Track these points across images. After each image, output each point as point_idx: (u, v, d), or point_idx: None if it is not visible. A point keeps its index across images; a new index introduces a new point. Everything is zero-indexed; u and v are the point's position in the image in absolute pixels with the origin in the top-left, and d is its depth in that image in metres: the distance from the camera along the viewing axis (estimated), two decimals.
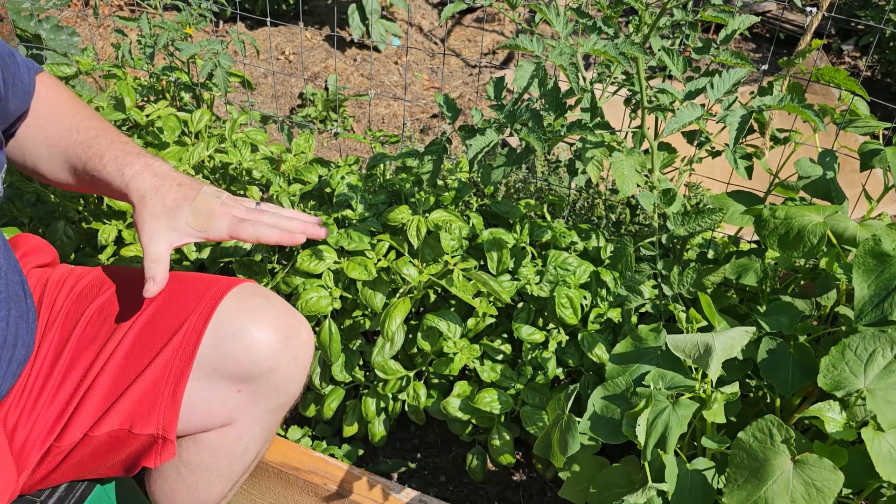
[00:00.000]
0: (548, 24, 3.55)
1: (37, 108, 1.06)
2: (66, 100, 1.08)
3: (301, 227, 1.04)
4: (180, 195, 0.99)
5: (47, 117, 1.05)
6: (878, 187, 1.27)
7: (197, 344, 0.97)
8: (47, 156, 1.05)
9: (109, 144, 1.02)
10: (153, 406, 0.95)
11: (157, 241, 0.97)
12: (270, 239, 1.00)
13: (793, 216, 1.00)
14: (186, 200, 0.99)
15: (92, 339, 0.99)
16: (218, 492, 1.06)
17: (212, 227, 0.99)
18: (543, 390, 1.35)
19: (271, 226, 1.01)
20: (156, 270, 0.96)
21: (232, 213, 1.01)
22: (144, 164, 1.01)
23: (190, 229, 0.99)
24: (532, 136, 1.04)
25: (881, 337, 0.84)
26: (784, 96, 1.00)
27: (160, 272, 0.96)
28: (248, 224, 1.00)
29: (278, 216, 1.04)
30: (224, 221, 1.00)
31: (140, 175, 0.99)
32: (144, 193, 0.98)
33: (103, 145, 1.02)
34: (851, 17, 3.14)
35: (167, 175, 1.01)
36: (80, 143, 1.03)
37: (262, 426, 1.04)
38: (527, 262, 1.38)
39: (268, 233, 1.00)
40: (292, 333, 1.02)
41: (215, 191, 1.02)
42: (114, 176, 1.00)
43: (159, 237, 0.97)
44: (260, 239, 1.00)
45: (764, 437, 0.79)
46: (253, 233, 1.00)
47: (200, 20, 1.65)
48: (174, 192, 0.99)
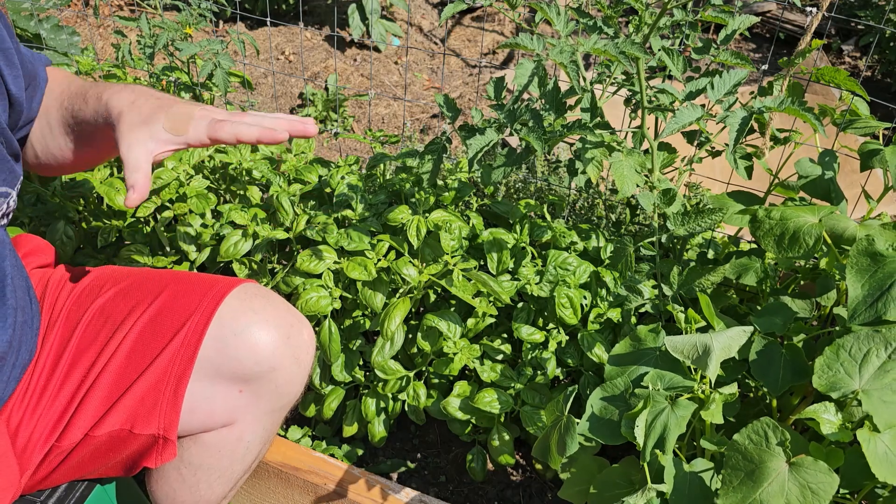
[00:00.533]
0: (548, 25, 3.55)
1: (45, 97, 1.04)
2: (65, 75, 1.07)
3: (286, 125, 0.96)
4: (156, 105, 0.95)
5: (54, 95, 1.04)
6: (878, 187, 1.27)
7: (198, 344, 0.97)
8: (48, 129, 1.02)
9: (94, 86, 0.99)
10: (154, 406, 0.95)
11: (134, 148, 0.92)
12: (251, 137, 0.93)
13: (788, 217, 1.00)
14: (162, 109, 0.94)
15: (93, 339, 0.99)
16: (219, 492, 1.06)
17: (189, 129, 0.93)
18: (543, 390, 1.35)
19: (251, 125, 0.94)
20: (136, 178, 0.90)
21: (211, 115, 0.95)
22: (123, 86, 0.97)
23: (167, 135, 0.93)
24: (532, 135, 1.04)
25: (875, 337, 0.84)
26: (784, 98, 1.00)
27: (140, 179, 0.90)
28: (227, 124, 0.93)
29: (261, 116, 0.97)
30: (202, 123, 0.94)
31: (118, 94, 0.96)
32: (122, 109, 0.94)
33: (89, 88, 1.00)
34: (851, 17, 3.14)
35: (146, 93, 0.96)
36: (72, 95, 1.00)
37: (263, 426, 1.05)
38: (527, 262, 1.38)
39: (248, 131, 0.93)
40: (294, 333, 1.02)
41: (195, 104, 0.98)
42: (96, 107, 0.97)
43: (137, 144, 0.92)
44: (240, 138, 0.93)
45: (759, 439, 0.79)
46: (232, 132, 0.93)
47: (200, 20, 1.65)
48: (151, 103, 0.95)
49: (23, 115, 0.97)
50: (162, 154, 0.93)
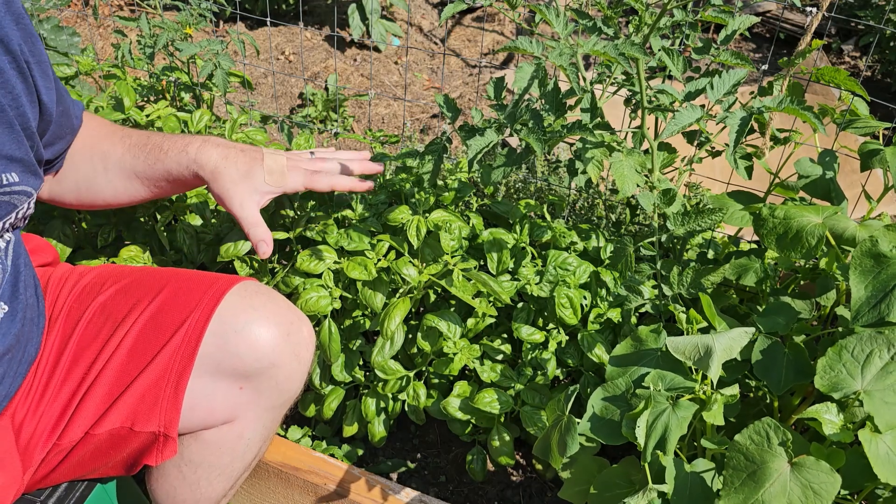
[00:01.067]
0: (548, 24, 3.54)
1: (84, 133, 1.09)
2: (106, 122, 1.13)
3: (359, 168, 1.19)
4: (249, 158, 1.07)
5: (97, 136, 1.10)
6: (878, 187, 1.27)
7: (199, 341, 0.97)
8: (103, 169, 1.09)
9: (164, 138, 1.09)
10: (155, 404, 0.95)
11: (246, 205, 1.05)
12: (344, 187, 1.14)
13: (792, 216, 1.00)
14: (256, 162, 1.07)
15: (94, 337, 1.00)
16: (219, 489, 1.06)
17: (287, 181, 1.09)
18: (543, 390, 1.35)
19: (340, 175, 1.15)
20: (260, 232, 1.05)
21: (300, 166, 1.11)
22: (203, 140, 1.07)
23: (268, 187, 1.07)
24: (532, 136, 1.04)
25: (878, 338, 0.84)
26: (784, 98, 1.00)
27: (263, 232, 1.05)
28: (322, 175, 1.12)
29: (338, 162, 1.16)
30: (297, 175, 1.10)
31: (204, 149, 1.06)
32: (216, 165, 1.05)
33: (158, 140, 1.09)
34: (851, 17, 3.14)
35: (229, 144, 1.08)
36: (136, 146, 1.08)
37: (263, 423, 1.05)
38: (527, 263, 1.38)
39: (341, 182, 1.14)
40: (294, 330, 1.03)
41: (274, 150, 1.11)
42: (179, 159, 1.06)
43: (248, 201, 1.05)
44: (335, 187, 1.13)
45: (761, 439, 0.79)
46: (328, 182, 1.13)
47: (200, 20, 1.65)
48: (242, 157, 1.06)
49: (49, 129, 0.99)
50: (263, 204, 1.08)
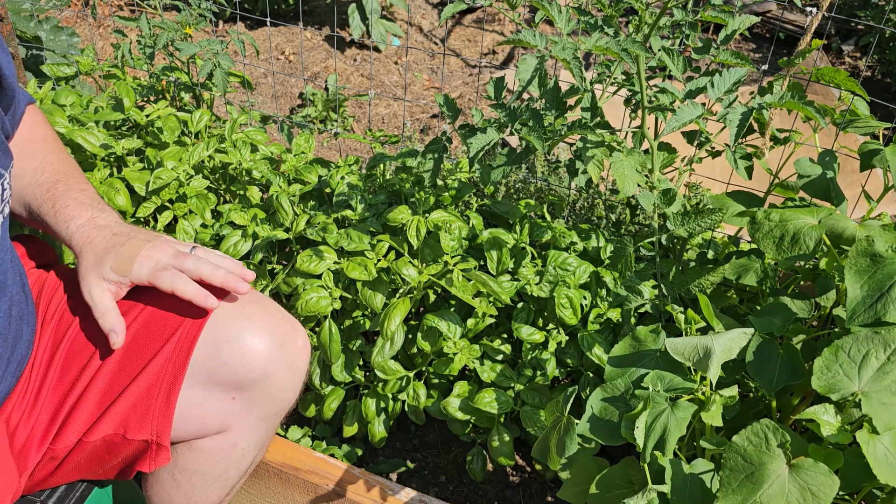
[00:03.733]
0: (548, 25, 3.55)
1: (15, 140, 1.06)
2: (43, 139, 1.09)
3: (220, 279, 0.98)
4: (110, 244, 0.98)
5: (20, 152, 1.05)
6: (878, 187, 1.27)
7: (190, 350, 0.96)
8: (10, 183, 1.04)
9: (66, 191, 1.03)
10: (147, 412, 0.95)
11: (94, 292, 0.97)
12: (186, 293, 0.96)
13: (788, 219, 1.00)
14: (114, 248, 0.98)
15: (86, 342, 0.99)
16: (214, 497, 1.05)
17: (132, 271, 0.97)
18: (543, 390, 1.35)
19: (188, 279, 0.97)
20: (109, 321, 0.96)
21: (156, 257, 0.98)
22: (89, 218, 1.01)
23: (114, 275, 0.97)
24: (533, 135, 1.04)
25: (874, 338, 0.84)
26: (784, 93, 1.00)
27: (112, 320, 0.96)
28: (168, 273, 0.97)
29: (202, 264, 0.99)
30: (146, 266, 0.97)
31: (81, 230, 1.00)
32: (82, 248, 0.99)
33: (60, 191, 1.03)
34: (851, 17, 3.14)
35: (106, 226, 1.00)
36: (40, 185, 1.03)
37: (257, 433, 1.04)
38: (527, 263, 1.38)
39: (185, 287, 0.97)
40: (288, 340, 1.01)
41: (152, 236, 1.00)
42: (60, 227, 1.01)
43: (95, 288, 0.97)
44: (176, 291, 0.96)
45: (759, 440, 0.79)
46: (170, 283, 0.96)
47: (200, 20, 1.65)
48: (105, 241, 0.99)
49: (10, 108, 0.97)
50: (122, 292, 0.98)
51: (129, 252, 0.97)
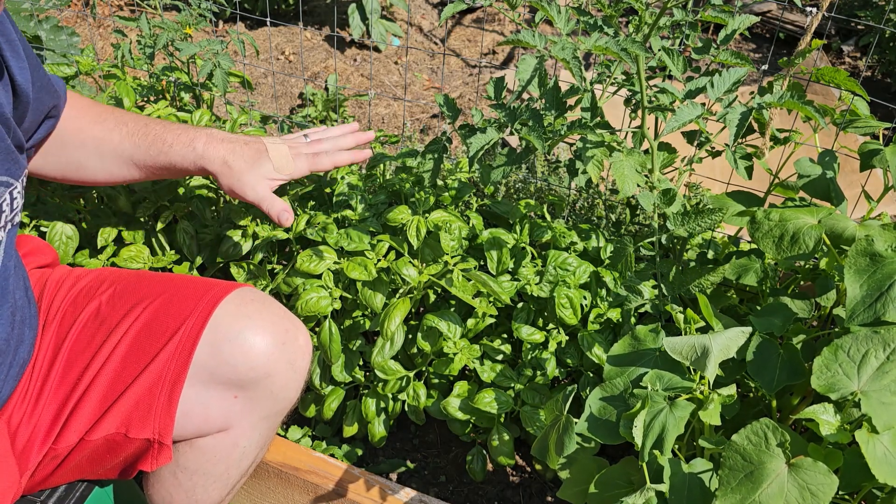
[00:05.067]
0: (548, 25, 3.54)
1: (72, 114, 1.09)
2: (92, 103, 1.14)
3: (353, 141, 1.24)
4: (254, 150, 1.13)
5: (87, 118, 1.10)
6: (878, 187, 1.27)
7: (193, 349, 0.96)
8: (97, 154, 1.11)
9: (164, 129, 1.12)
10: (149, 411, 0.95)
11: (259, 188, 1.11)
12: (345, 161, 1.20)
13: (787, 219, 1.00)
14: (261, 153, 1.13)
15: (88, 341, 0.99)
16: (215, 496, 1.05)
17: (294, 168, 1.15)
18: (543, 390, 1.35)
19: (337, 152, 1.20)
20: (277, 205, 1.12)
21: (300, 151, 1.17)
22: (208, 135, 1.12)
23: (277, 174, 1.13)
24: (532, 135, 1.04)
25: (874, 338, 0.84)
26: (784, 93, 1.00)
27: (279, 204, 1.12)
28: (323, 156, 1.18)
29: (334, 140, 1.22)
30: (301, 161, 1.16)
31: (211, 146, 1.11)
32: (225, 158, 1.10)
33: (158, 130, 1.11)
34: (851, 17, 3.14)
35: (232, 138, 1.13)
36: (134, 134, 1.11)
37: (259, 432, 1.04)
38: (527, 263, 1.38)
39: (341, 157, 1.20)
40: (289, 339, 1.02)
41: (272, 139, 1.17)
42: (184, 153, 1.10)
43: (258, 184, 1.11)
44: (337, 164, 1.20)
45: (759, 440, 0.79)
46: (330, 161, 1.19)
47: (200, 20, 1.65)
48: (248, 150, 1.12)
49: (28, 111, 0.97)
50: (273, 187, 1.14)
51: (280, 154, 1.14)
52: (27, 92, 0.94)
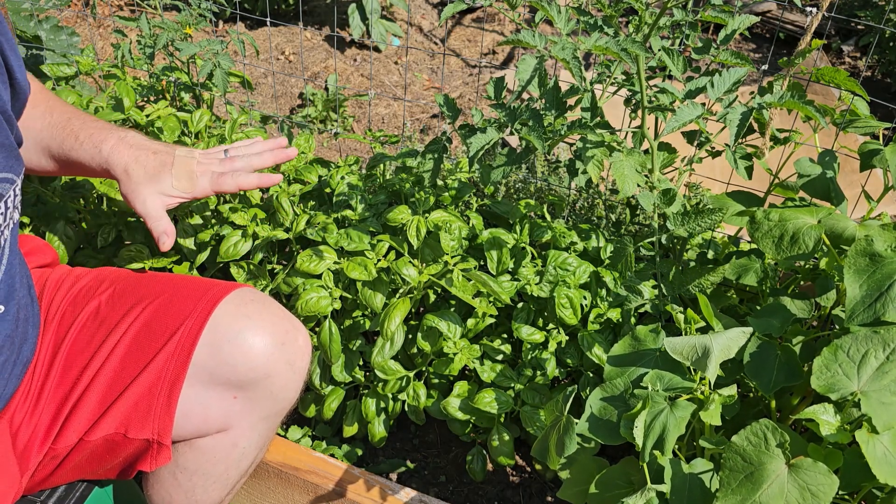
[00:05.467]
0: (548, 25, 3.54)
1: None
2: (38, 89, 1.12)
3: (271, 160, 1.15)
4: (159, 162, 1.07)
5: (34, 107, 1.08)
6: (878, 187, 1.27)
7: (192, 349, 0.96)
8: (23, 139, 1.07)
9: (83, 125, 1.08)
10: (148, 411, 0.95)
11: (149, 202, 1.06)
12: (251, 185, 1.11)
13: (787, 219, 1.00)
14: (165, 166, 1.07)
15: (87, 341, 0.99)
16: (215, 497, 1.05)
17: (195, 186, 1.09)
18: (543, 390, 1.35)
19: (248, 172, 1.11)
20: (162, 225, 1.06)
21: (209, 169, 1.10)
22: (118, 138, 1.07)
23: (175, 191, 1.08)
24: (533, 134, 1.04)
25: (873, 338, 0.83)
26: (784, 93, 1.00)
27: (164, 224, 1.06)
28: (227, 176, 1.10)
29: (248, 158, 1.13)
30: (205, 179, 1.09)
31: (117, 150, 1.06)
32: (127, 165, 1.06)
33: (76, 125, 1.08)
34: (851, 17, 3.14)
35: (142, 146, 1.08)
36: (54, 126, 1.08)
37: (258, 432, 1.04)
38: (527, 263, 1.38)
39: (247, 180, 1.10)
40: (289, 339, 1.02)
41: (188, 151, 1.11)
42: (92, 154, 1.06)
43: (150, 199, 1.06)
44: (242, 187, 1.10)
45: (758, 440, 0.79)
46: (234, 183, 1.10)
47: (200, 20, 1.65)
48: (152, 160, 1.07)
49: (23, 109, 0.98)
50: (170, 206, 1.09)
51: (185, 171, 1.08)
52: (25, 90, 0.95)
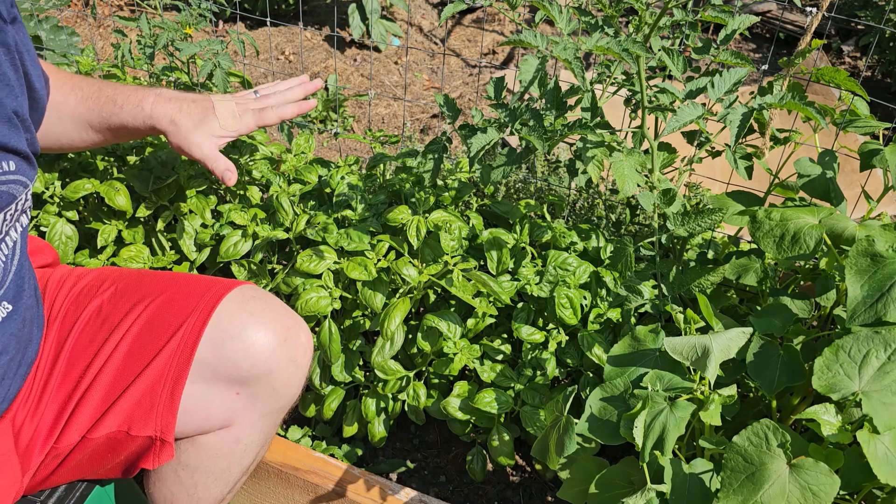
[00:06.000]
0: (548, 25, 3.54)
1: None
2: (55, 71, 1.14)
3: (301, 92, 1.24)
4: (201, 108, 1.14)
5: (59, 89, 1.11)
6: (878, 187, 1.27)
7: (195, 346, 0.97)
8: (57, 119, 1.11)
9: (115, 91, 1.13)
10: (151, 408, 0.95)
11: (205, 146, 1.12)
12: (292, 114, 1.20)
13: (788, 218, 1.00)
14: (209, 112, 1.14)
15: (90, 340, 0.99)
16: (216, 494, 1.06)
17: (241, 123, 1.16)
18: (543, 390, 1.35)
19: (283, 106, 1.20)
20: (221, 164, 1.13)
21: (248, 107, 1.18)
22: (156, 94, 1.13)
23: (224, 132, 1.14)
24: (533, 135, 1.04)
25: (875, 338, 0.83)
26: (785, 94, 1.00)
27: (223, 163, 1.13)
28: (268, 111, 1.18)
29: (282, 94, 1.22)
30: (248, 116, 1.17)
31: (159, 105, 1.12)
32: (172, 117, 1.12)
33: (110, 92, 1.13)
34: (851, 17, 3.14)
35: (180, 97, 1.14)
36: (88, 98, 1.12)
37: (260, 429, 1.04)
38: (527, 263, 1.38)
39: (287, 110, 1.20)
40: (291, 336, 1.02)
41: (222, 96, 1.19)
42: (134, 114, 1.12)
43: (205, 143, 1.13)
44: (283, 117, 1.20)
45: (759, 440, 0.79)
46: (276, 115, 1.19)
47: (200, 20, 1.65)
48: (195, 108, 1.14)
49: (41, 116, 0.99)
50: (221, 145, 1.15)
51: (227, 111, 1.15)
52: (42, 98, 0.97)
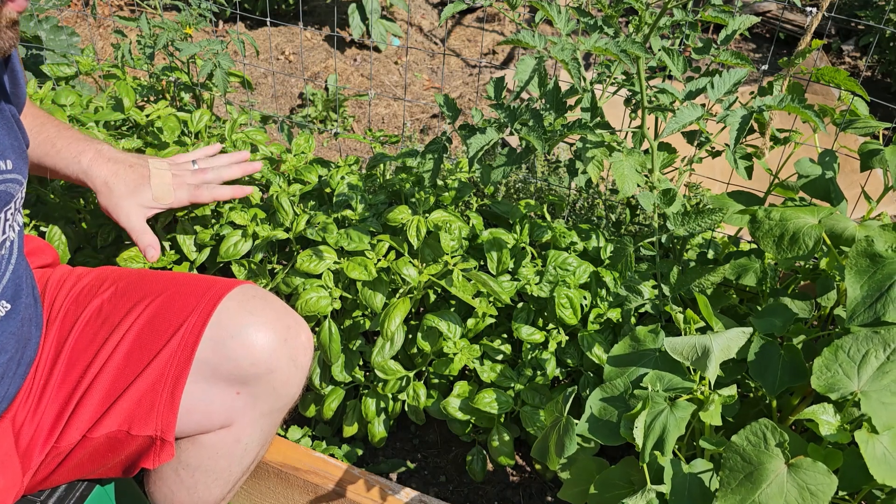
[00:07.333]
0: (548, 25, 3.54)
1: None
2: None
3: (239, 172, 1.26)
4: (137, 175, 1.15)
5: None
6: (878, 187, 1.27)
7: (195, 345, 0.97)
8: None
9: (58, 133, 1.14)
10: (151, 407, 0.95)
11: (133, 216, 1.14)
12: (226, 197, 1.23)
13: (788, 218, 1.00)
14: (143, 180, 1.15)
15: (90, 339, 1.00)
16: (217, 493, 1.06)
17: (173, 197, 1.17)
18: (543, 390, 1.35)
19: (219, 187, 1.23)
20: (147, 239, 1.14)
21: (184, 181, 1.19)
22: (96, 151, 1.14)
23: (155, 203, 1.16)
24: (532, 135, 1.04)
25: (874, 338, 0.83)
26: (784, 96, 1.00)
27: (150, 238, 1.14)
28: (204, 189, 1.20)
29: (218, 170, 1.24)
30: (182, 191, 1.18)
31: (96, 163, 1.13)
32: (107, 179, 1.13)
33: (52, 133, 1.13)
34: (851, 17, 3.14)
35: (119, 159, 1.15)
36: (30, 129, 1.12)
37: (261, 428, 1.05)
38: (527, 263, 1.38)
39: (222, 192, 1.23)
40: (291, 335, 1.02)
41: (159, 162, 1.19)
42: (68, 163, 1.13)
43: (134, 213, 1.14)
44: (217, 199, 1.22)
45: (758, 440, 0.79)
46: (210, 195, 1.21)
47: (200, 20, 1.65)
48: (131, 174, 1.15)
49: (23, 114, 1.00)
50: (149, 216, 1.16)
51: (161, 183, 1.16)
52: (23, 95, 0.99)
